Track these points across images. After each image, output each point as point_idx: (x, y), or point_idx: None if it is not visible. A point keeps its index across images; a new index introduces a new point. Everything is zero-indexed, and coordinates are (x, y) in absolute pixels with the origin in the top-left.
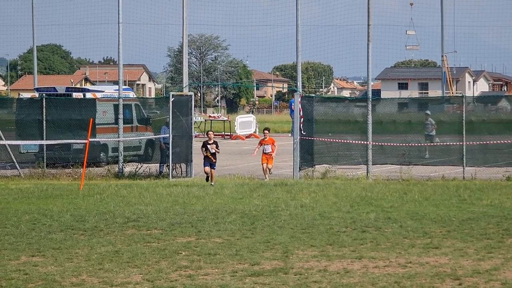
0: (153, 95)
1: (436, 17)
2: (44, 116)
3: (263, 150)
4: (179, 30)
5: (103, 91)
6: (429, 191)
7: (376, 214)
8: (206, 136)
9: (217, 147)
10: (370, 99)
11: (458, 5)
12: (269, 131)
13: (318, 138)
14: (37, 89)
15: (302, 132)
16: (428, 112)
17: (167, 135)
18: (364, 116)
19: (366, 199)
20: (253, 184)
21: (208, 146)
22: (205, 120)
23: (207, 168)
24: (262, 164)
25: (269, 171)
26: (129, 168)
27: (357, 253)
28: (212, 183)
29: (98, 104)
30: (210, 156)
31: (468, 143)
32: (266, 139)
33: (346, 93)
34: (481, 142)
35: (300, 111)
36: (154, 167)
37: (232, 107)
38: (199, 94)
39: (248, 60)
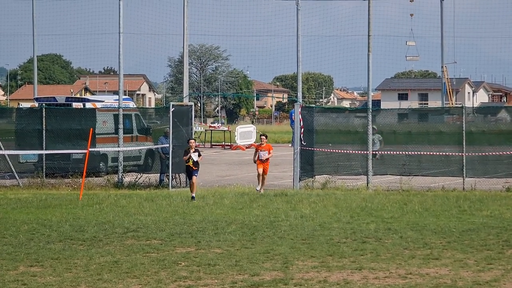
0: (153, 105)
1: (436, 28)
2: (44, 126)
3: (258, 157)
4: (179, 40)
5: (103, 101)
6: (429, 201)
7: (376, 225)
8: (187, 144)
9: (199, 155)
10: (370, 110)
11: (458, 16)
12: (266, 138)
13: (318, 148)
14: (37, 99)
15: (302, 142)
16: (375, 127)
17: (167, 145)
18: (364, 126)
19: (366, 210)
20: (253, 194)
21: (191, 154)
22: (205, 130)
23: (195, 178)
24: (257, 169)
25: (263, 181)
26: (128, 178)
27: (357, 264)
28: (193, 195)
29: (98, 114)
30: (191, 166)
31: (468, 154)
32: (263, 145)
33: (346, 104)
34: (481, 153)
35: (300, 121)
36: (153, 177)
37: (232, 117)
38: (199, 104)
39: (249, 70)
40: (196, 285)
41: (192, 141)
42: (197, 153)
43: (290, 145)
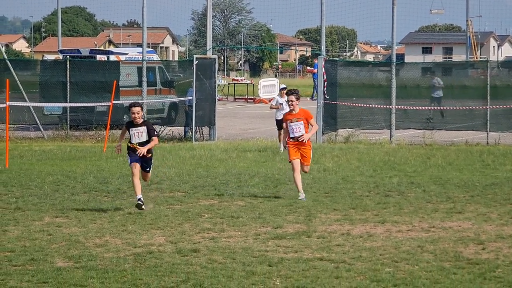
0: (176, 58)
1: None
2: (68, 78)
3: (289, 133)
4: None
5: (126, 54)
6: (453, 156)
7: (399, 179)
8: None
9: (151, 134)
10: (394, 63)
11: None
12: (298, 98)
13: (342, 102)
14: (61, 51)
15: (326, 96)
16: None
17: (190, 97)
18: (387, 80)
19: (389, 164)
20: (276, 148)
21: (131, 131)
22: (229, 83)
23: (137, 166)
24: (292, 160)
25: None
26: None
27: (380, 217)
28: (139, 196)
29: (121, 66)
30: (136, 148)
31: (492, 107)
32: (293, 112)
33: (369, 57)
34: (505, 107)
35: (323, 75)
36: (176, 130)
37: (255, 70)
38: (222, 58)
39: (272, 23)
40: (220, 237)
41: (136, 108)
42: (146, 127)
43: (309, 99)
